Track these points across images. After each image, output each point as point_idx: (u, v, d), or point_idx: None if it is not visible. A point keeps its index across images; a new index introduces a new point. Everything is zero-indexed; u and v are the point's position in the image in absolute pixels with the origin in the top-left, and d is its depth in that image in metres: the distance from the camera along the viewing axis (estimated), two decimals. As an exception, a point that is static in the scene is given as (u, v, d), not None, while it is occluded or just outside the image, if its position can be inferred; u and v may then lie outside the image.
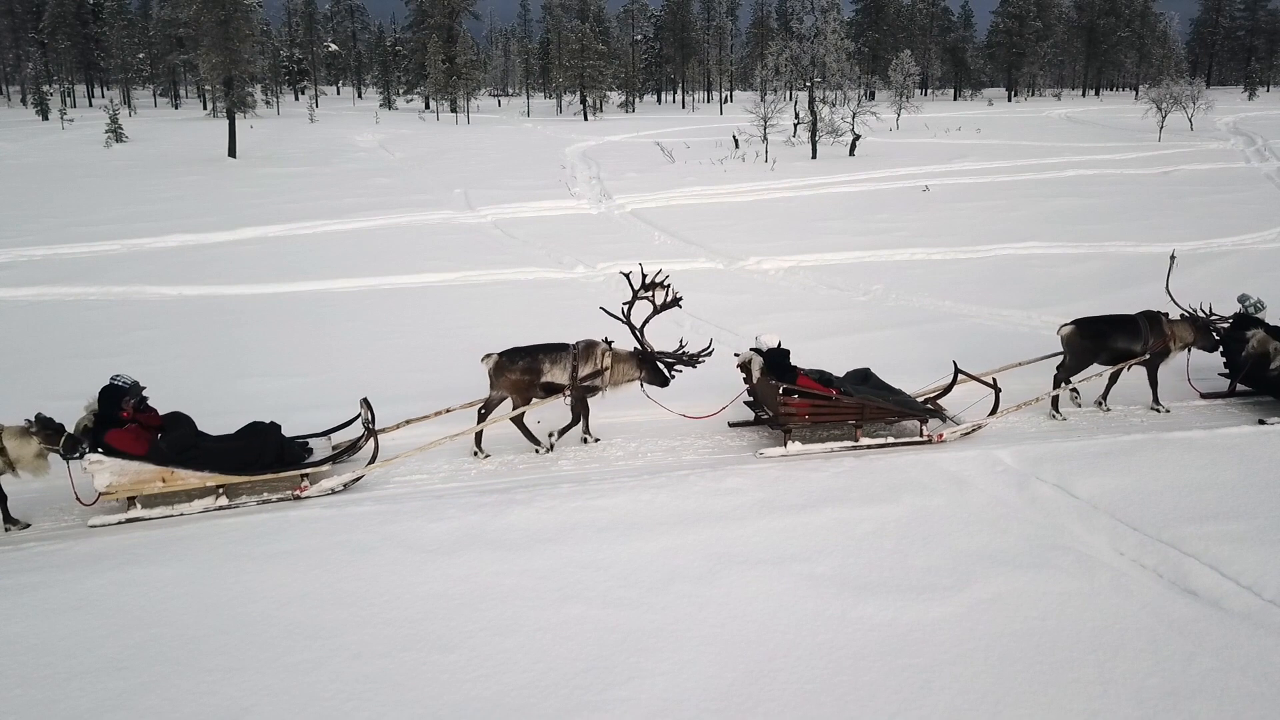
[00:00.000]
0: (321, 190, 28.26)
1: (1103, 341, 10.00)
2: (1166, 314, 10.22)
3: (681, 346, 9.50)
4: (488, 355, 9.13)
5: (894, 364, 10.37)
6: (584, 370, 9.16)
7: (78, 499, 7.72)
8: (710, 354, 9.54)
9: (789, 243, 19.40)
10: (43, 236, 20.12)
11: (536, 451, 9.05)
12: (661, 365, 9.41)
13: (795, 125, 40.75)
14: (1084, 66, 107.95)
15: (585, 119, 70.44)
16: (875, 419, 9.16)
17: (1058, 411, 9.89)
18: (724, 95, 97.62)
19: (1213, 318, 10.47)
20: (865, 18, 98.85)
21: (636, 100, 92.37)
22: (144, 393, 8.09)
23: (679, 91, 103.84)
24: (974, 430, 9.25)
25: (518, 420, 9.14)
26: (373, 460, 8.52)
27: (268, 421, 8.38)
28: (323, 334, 13.14)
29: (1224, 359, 10.60)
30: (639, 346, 9.41)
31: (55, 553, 6.92)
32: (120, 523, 7.65)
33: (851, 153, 37.73)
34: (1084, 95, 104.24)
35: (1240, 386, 10.39)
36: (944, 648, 5.50)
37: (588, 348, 9.25)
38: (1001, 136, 46.37)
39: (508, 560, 6.58)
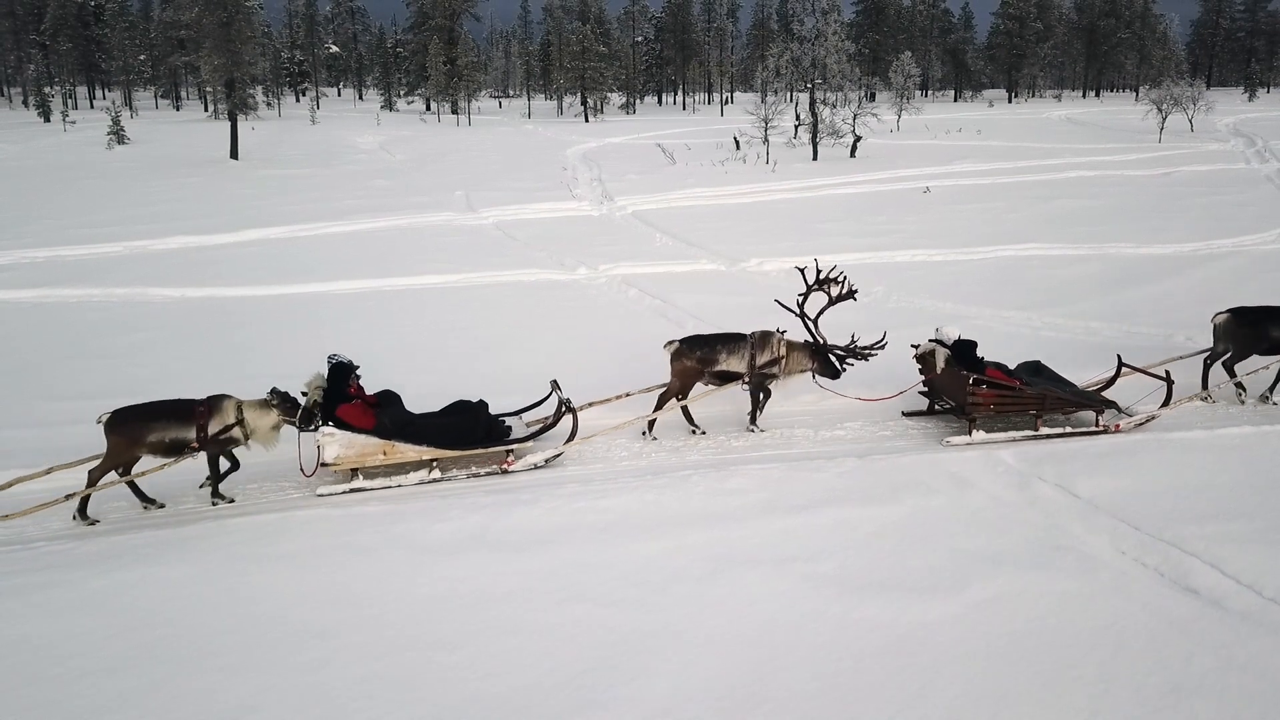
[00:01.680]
0: (322, 192, 28.31)
1: (1263, 330, 10.14)
2: None
3: (853, 340, 9.76)
4: (670, 342, 9.60)
5: (901, 365, 10.35)
6: (761, 359, 9.51)
7: (301, 471, 8.26)
8: (884, 346, 9.78)
9: (790, 244, 19.41)
10: (44, 238, 20.17)
11: (691, 432, 9.50)
12: (833, 358, 9.74)
13: (796, 127, 40.77)
14: (1084, 68, 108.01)
15: (586, 120, 70.50)
16: (1055, 410, 9.39)
17: (1210, 397, 10.12)
18: (725, 97, 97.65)
19: None
20: (866, 19, 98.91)
21: (637, 102, 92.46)
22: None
23: (680, 93, 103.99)
24: (1148, 421, 9.40)
25: (662, 404, 9.56)
26: (571, 438, 8.86)
27: (475, 400, 8.83)
28: (324, 335, 13.14)
29: None
30: (811, 338, 9.73)
31: (63, 552, 6.96)
32: (345, 493, 8.12)
33: (852, 154, 37.76)
34: (1084, 96, 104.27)
35: None
36: (945, 647, 5.52)
37: (763, 337, 9.60)
38: (1002, 138, 46.41)
39: (510, 561, 6.62)
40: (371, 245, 20.11)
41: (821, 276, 9.81)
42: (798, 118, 41.02)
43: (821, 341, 9.78)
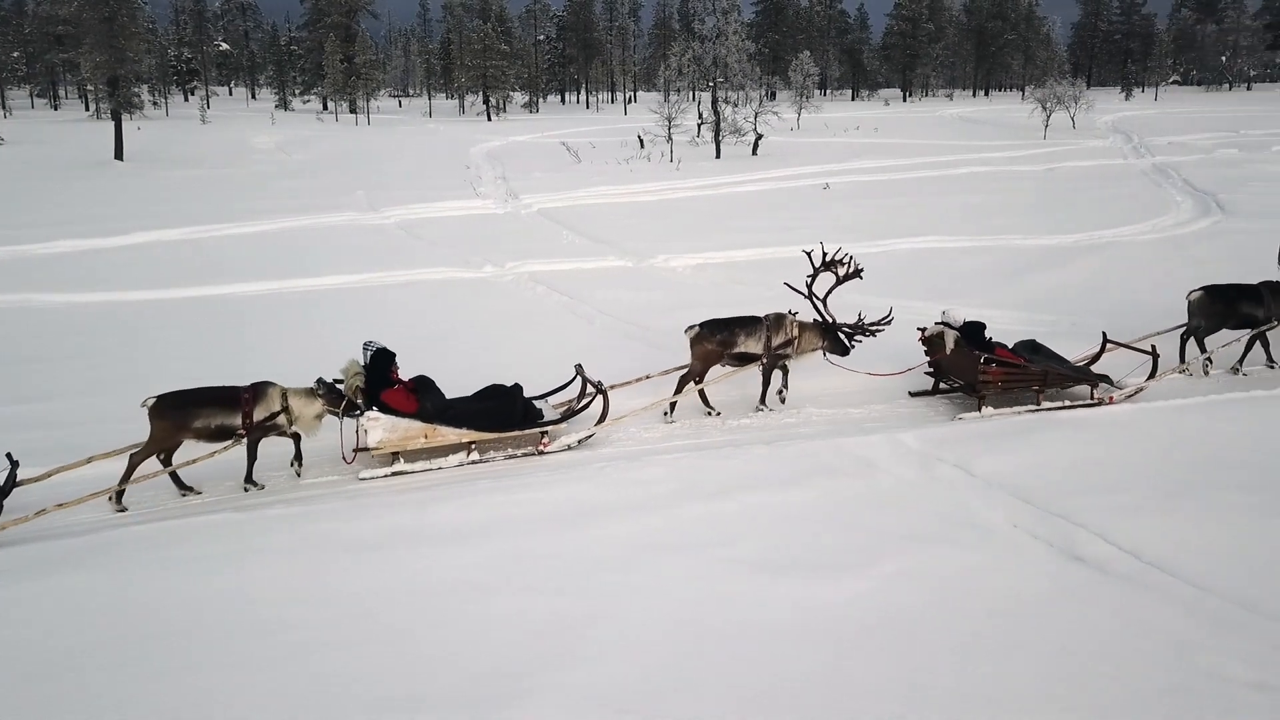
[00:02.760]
0: (219, 193, 27.45)
1: (1230, 307, 10.91)
2: None
3: (860, 317, 10.18)
4: (690, 327, 9.92)
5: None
6: (777, 340, 9.89)
7: (344, 458, 8.45)
8: (890, 322, 10.29)
9: (697, 240, 19.70)
10: (-84, 244, 19.07)
11: (706, 414, 9.86)
12: (842, 335, 10.18)
13: (699, 125, 41.26)
14: (974, 68, 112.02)
15: (489, 119, 69.95)
16: (1055, 385, 9.95)
17: (1189, 370, 10.89)
18: (628, 95, 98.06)
19: None
20: (765, 19, 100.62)
21: (540, 101, 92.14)
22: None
23: (583, 92, 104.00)
24: (1137, 393, 10.02)
25: (682, 385, 9.93)
26: (602, 419, 9.11)
27: (509, 384, 9.06)
28: (225, 339, 12.83)
29: None
30: (820, 318, 10.17)
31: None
32: (387, 475, 8.35)
33: (754, 152, 38.41)
34: (975, 95, 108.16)
35: None
36: (856, 621, 5.75)
37: (778, 319, 10.00)
38: (898, 135, 47.83)
39: (435, 555, 6.61)
40: (271, 247, 19.63)
41: (828, 258, 10.20)
42: (700, 116, 41.52)
43: (831, 321, 10.20)
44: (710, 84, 41.63)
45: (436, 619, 5.81)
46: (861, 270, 10.34)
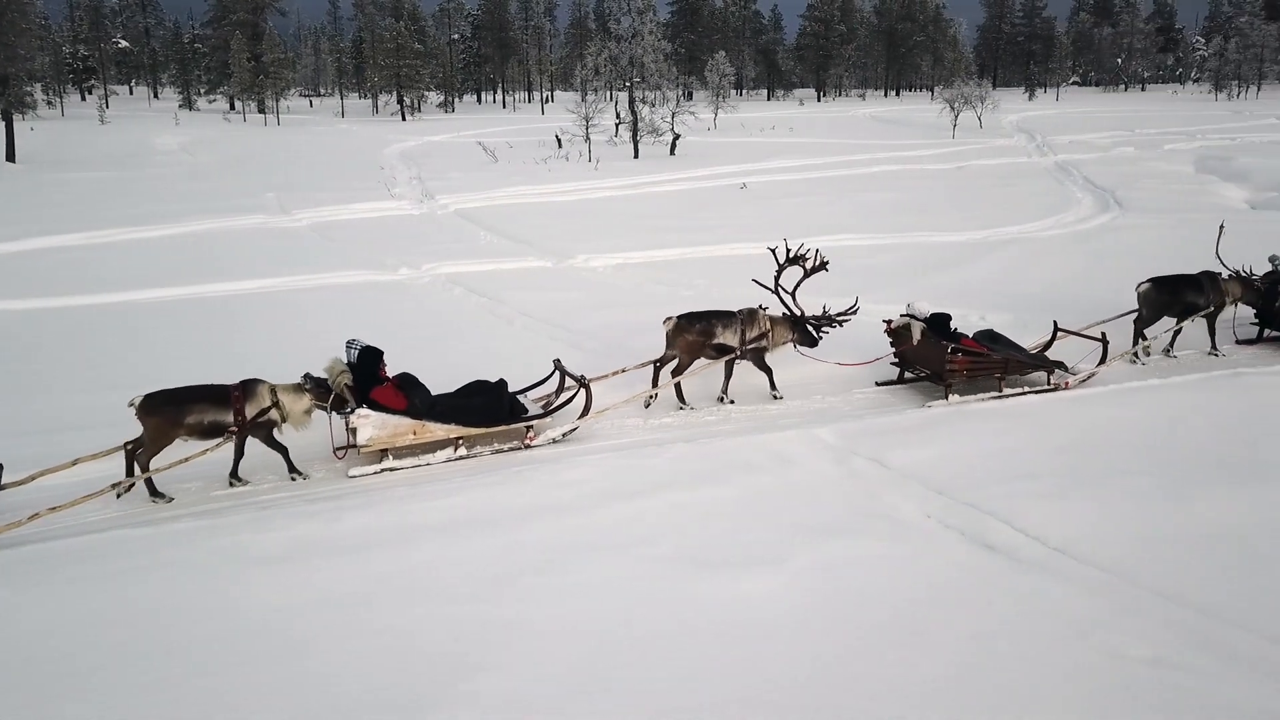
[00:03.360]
0: (120, 196, 26.41)
1: (1176, 297, 11.46)
2: (1220, 274, 11.84)
3: (825, 309, 10.50)
4: (668, 318, 10.10)
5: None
6: (751, 334, 10.14)
7: (334, 453, 8.52)
8: (856, 312, 10.65)
9: (616, 240, 19.71)
10: None
11: (679, 408, 10.03)
12: (810, 327, 10.45)
13: (617, 125, 41.31)
14: (885, 68, 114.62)
15: (403, 119, 68.93)
16: (1015, 372, 10.38)
17: (1138, 357, 11.47)
18: (545, 95, 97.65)
19: (1253, 277, 12.03)
20: (681, 19, 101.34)
21: (456, 100, 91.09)
22: None
23: (499, 91, 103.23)
24: (1089, 377, 10.50)
25: (658, 374, 10.19)
26: (585, 412, 9.25)
27: (494, 380, 9.22)
28: (127, 348, 12.37)
29: (1254, 311, 12.19)
30: (789, 311, 10.45)
31: None
32: (376, 473, 8.39)
33: (672, 152, 38.62)
34: (886, 95, 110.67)
35: (1271, 333, 12.18)
36: (776, 614, 5.82)
37: (751, 314, 10.26)
38: (813, 135, 48.61)
39: (347, 565, 6.47)
40: (177, 251, 18.97)
41: (792, 254, 10.49)
42: (618, 116, 41.57)
43: (800, 314, 10.46)
44: (627, 84, 41.70)
45: (343, 632, 5.68)
46: (827, 263, 10.60)
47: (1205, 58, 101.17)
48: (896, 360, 10.88)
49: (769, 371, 10.37)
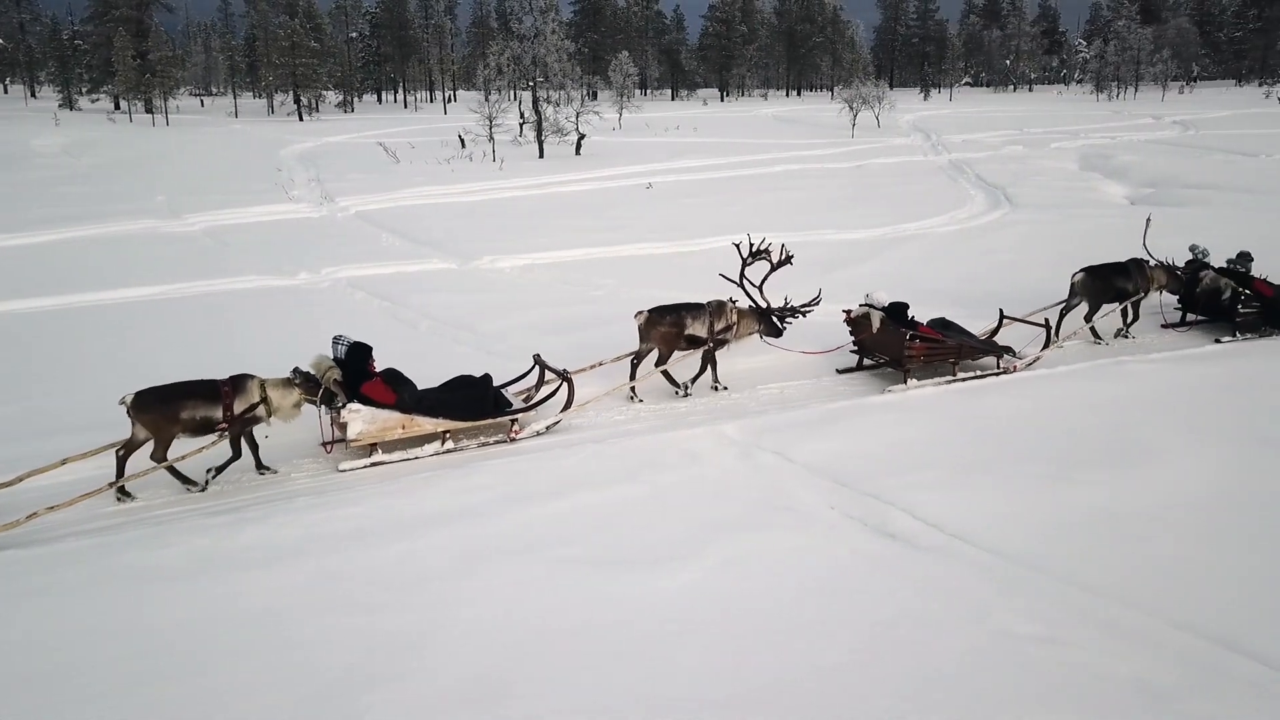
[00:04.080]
0: (-4, 201, 25.09)
1: (1108, 284, 12.27)
2: (1148, 262, 12.66)
3: (787, 301, 10.91)
4: (640, 312, 10.45)
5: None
6: (719, 325, 10.48)
7: (324, 446, 8.71)
8: (818, 303, 11.09)
9: (523, 241, 19.61)
10: None
11: (676, 394, 10.41)
12: (775, 318, 10.85)
13: (521, 125, 41.07)
14: (786, 69, 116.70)
15: (301, 119, 67.17)
16: (968, 357, 11.02)
17: (1099, 338, 12.36)
18: (447, 95, 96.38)
19: (1176, 266, 12.85)
20: (584, 19, 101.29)
21: (356, 100, 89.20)
22: None
23: (401, 91, 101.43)
24: (1035, 361, 11.22)
25: (664, 370, 10.45)
26: (568, 405, 9.47)
27: (479, 375, 9.38)
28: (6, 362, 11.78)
29: (1178, 298, 13.06)
30: (755, 303, 10.85)
31: None
32: (366, 466, 8.52)
33: (577, 152, 38.59)
34: (788, 95, 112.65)
35: (1191, 317, 13.11)
36: (687, 610, 5.90)
37: (719, 306, 10.60)
38: (718, 135, 49.14)
39: (249, 579, 6.30)
40: (57, 259, 18.13)
41: (755, 249, 10.95)
42: (522, 116, 41.33)
43: (766, 305, 10.84)
44: (531, 83, 41.48)
45: (246, 648, 5.54)
46: (792, 257, 11.07)
47: (1087, 60, 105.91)
48: (856, 348, 11.33)
49: (713, 366, 10.69)
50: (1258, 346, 11.96)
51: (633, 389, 10.36)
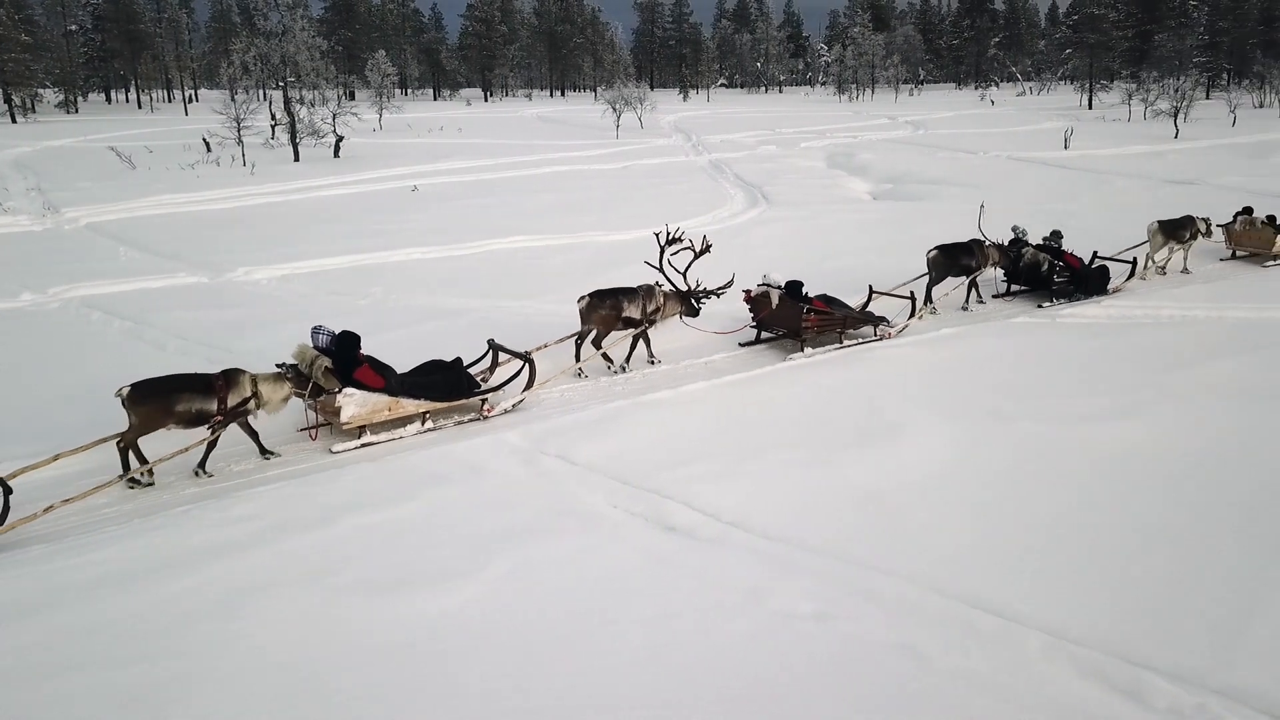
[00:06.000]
0: None
1: (955, 261, 14.02)
2: (985, 242, 14.49)
3: (700, 284, 12.08)
4: (582, 297, 11.26)
5: (408, 362, 10.39)
6: (650, 307, 11.44)
7: (311, 433, 9.22)
8: (730, 286, 12.25)
9: (280, 250, 18.54)
10: None
11: (610, 371, 11.34)
12: (694, 300, 12.02)
13: (273, 127, 38.88)
14: (549, 69, 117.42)
15: (14, 121, 60.32)
16: (853, 327, 12.43)
17: (935, 311, 13.86)
18: (188, 94, 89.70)
19: (1004, 245, 14.66)
20: (336, 15, 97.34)
21: (80, 99, 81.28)
22: None
23: (133, 90, 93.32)
24: (904, 329, 12.70)
25: (579, 347, 11.34)
26: (529, 385, 10.15)
27: (449, 359, 10.04)
28: None
29: (1004, 271, 14.92)
30: (676, 287, 11.96)
31: None
32: (356, 448, 8.96)
33: (336, 154, 37.01)
34: (552, 96, 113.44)
35: (1016, 287, 14.98)
36: (474, 626, 5.78)
37: (649, 290, 11.58)
38: (483, 136, 48.69)
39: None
40: None
41: (670, 236, 12.00)
42: (273, 117, 39.14)
43: (688, 289, 11.97)
44: (281, 83, 39.34)
45: (-16, 719, 4.91)
46: (710, 246, 12.39)
47: (829, 64, 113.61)
48: (755, 324, 12.49)
49: (647, 342, 11.67)
50: (987, 329, 13.20)
51: (579, 369, 11.19)
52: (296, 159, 36.01)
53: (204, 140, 37.38)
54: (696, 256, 12.21)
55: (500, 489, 7.84)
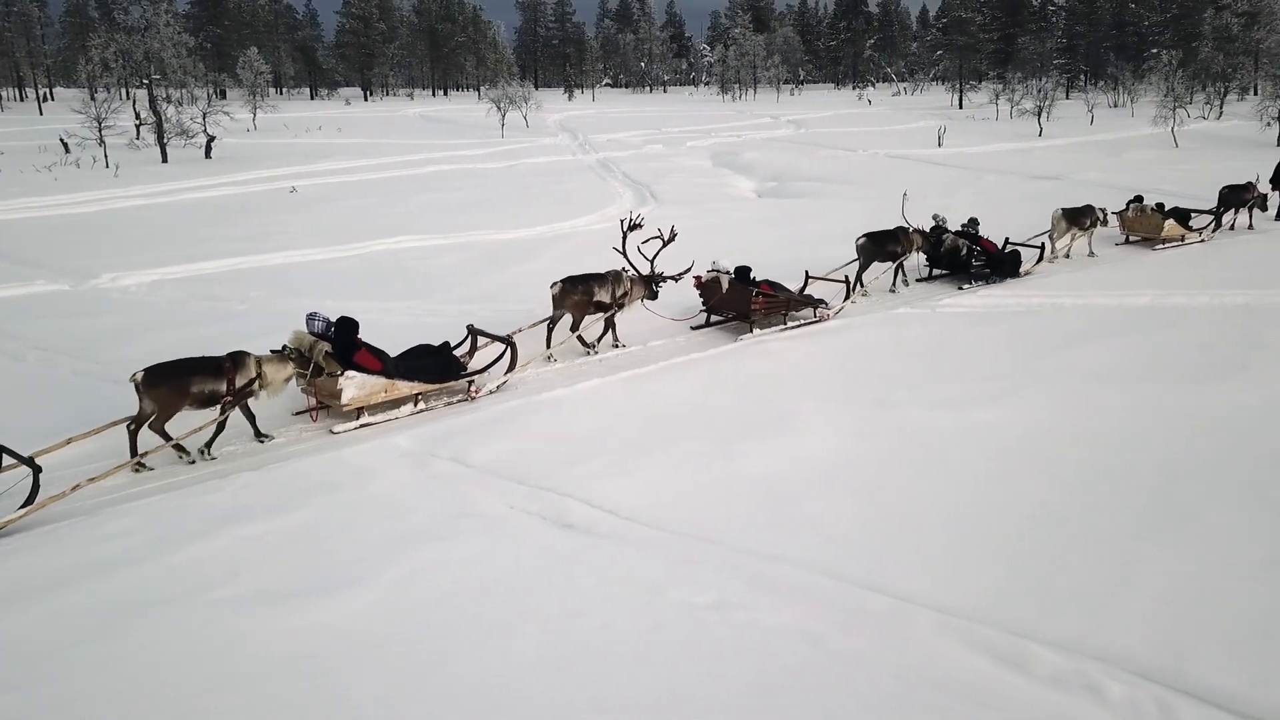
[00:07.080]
0: None
1: (882, 247, 14.75)
2: (909, 229, 15.11)
3: (656, 270, 12.56)
4: (555, 283, 11.56)
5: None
6: (619, 292, 11.88)
7: (312, 415, 9.50)
8: (690, 271, 12.80)
9: (151, 254, 17.68)
10: None
11: (587, 353, 11.78)
12: (654, 285, 12.49)
13: (138, 126, 37.06)
14: (431, 68, 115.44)
15: None
16: (795, 309, 13.12)
17: (866, 294, 14.65)
18: (42, 93, 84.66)
19: (926, 232, 15.40)
20: (203, 11, 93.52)
21: (-78, 97, 75.81)
22: None
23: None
24: (839, 311, 13.47)
25: (578, 332, 11.76)
26: (511, 368, 10.53)
27: (438, 344, 10.49)
28: None
29: (926, 256, 15.77)
30: (640, 272, 12.45)
31: None
32: (355, 428, 9.23)
33: (208, 155, 35.56)
34: (434, 95, 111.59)
35: (938, 271, 15.84)
36: (368, 634, 5.62)
37: (617, 275, 12.02)
38: (363, 135, 47.57)
39: None
40: None
41: (630, 223, 12.49)
42: (138, 116, 37.33)
43: (651, 274, 12.48)
44: (145, 81, 37.52)
45: None
46: (676, 234, 12.80)
47: (711, 64, 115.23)
48: (705, 309, 13.10)
49: (613, 328, 12.12)
50: (870, 320, 13.59)
51: (550, 354, 11.41)
52: (165, 160, 34.44)
53: (61, 141, 35.41)
54: (665, 244, 12.66)
55: (391, 494, 7.65)
